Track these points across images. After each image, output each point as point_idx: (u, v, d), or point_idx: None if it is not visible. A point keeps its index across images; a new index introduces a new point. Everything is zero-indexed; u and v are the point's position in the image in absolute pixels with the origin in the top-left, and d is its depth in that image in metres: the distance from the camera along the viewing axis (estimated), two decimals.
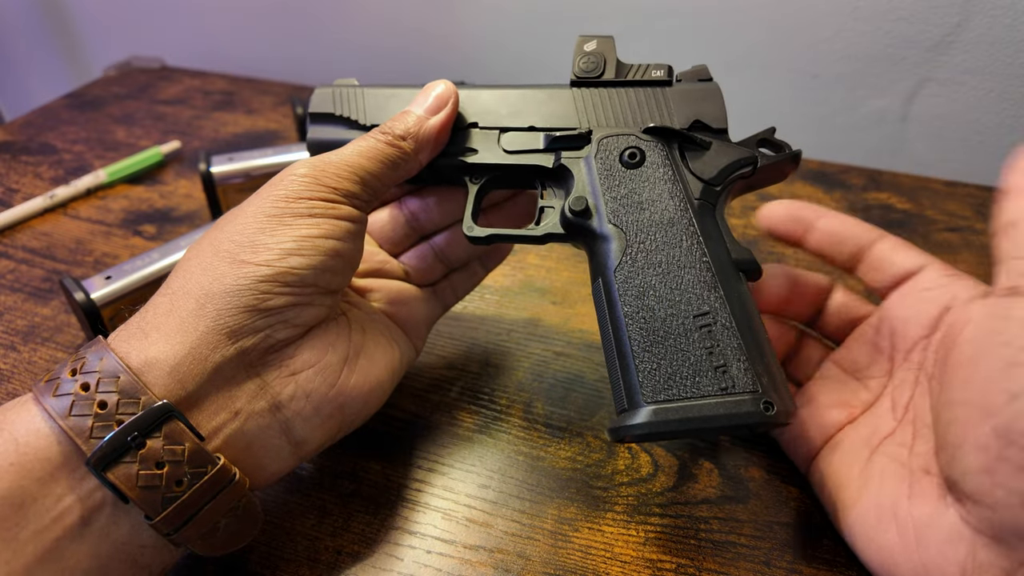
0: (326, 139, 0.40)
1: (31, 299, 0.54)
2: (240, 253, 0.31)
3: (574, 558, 0.36)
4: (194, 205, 0.65)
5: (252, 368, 0.32)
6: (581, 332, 0.50)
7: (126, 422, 0.28)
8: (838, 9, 0.71)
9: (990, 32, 0.67)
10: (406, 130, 0.37)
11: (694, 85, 0.39)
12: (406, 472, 0.40)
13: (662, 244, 0.35)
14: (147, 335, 0.30)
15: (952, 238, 0.61)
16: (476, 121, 0.40)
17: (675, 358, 0.32)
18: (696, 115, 0.38)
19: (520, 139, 0.39)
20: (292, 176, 0.34)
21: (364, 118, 0.40)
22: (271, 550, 0.36)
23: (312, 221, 0.33)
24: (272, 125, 0.81)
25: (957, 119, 0.73)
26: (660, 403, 0.32)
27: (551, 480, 0.40)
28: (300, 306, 0.32)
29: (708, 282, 0.34)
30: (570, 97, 0.39)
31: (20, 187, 0.68)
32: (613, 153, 0.37)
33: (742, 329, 0.33)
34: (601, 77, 0.39)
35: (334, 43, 0.94)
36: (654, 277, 0.34)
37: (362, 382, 0.35)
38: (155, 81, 0.92)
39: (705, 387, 0.31)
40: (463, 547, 0.36)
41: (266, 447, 0.32)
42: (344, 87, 0.41)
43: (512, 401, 0.45)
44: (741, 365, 0.32)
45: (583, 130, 0.38)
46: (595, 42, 0.40)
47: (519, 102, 0.40)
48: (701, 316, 0.33)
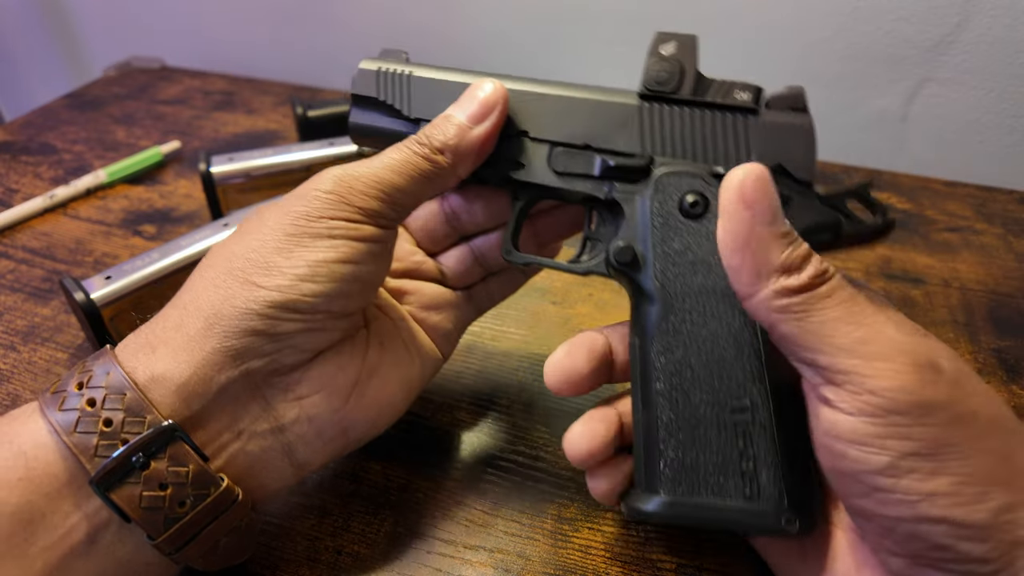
0: (367, 125, 0.37)
1: (31, 299, 0.54)
2: (253, 274, 0.30)
3: (574, 558, 0.36)
4: (194, 205, 0.65)
5: (257, 389, 0.31)
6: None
7: (131, 442, 0.28)
8: (838, 9, 0.71)
9: (990, 32, 0.67)
10: (445, 142, 0.33)
11: (783, 117, 0.32)
12: (406, 472, 0.40)
13: (710, 317, 0.30)
14: (154, 349, 0.30)
15: (952, 238, 0.61)
16: (527, 130, 0.35)
17: (702, 450, 0.30)
18: (779, 158, 0.32)
19: (573, 159, 0.34)
20: (316, 192, 0.32)
21: (408, 109, 0.36)
22: (271, 550, 0.36)
23: (330, 243, 0.31)
24: (272, 125, 0.81)
25: (957, 119, 0.73)
26: (677, 496, 0.29)
27: (551, 480, 0.40)
28: (310, 332, 0.31)
29: (754, 372, 0.30)
30: (635, 114, 0.33)
31: (20, 187, 0.68)
32: (673, 197, 0.32)
33: (781, 432, 0.29)
34: (676, 93, 0.33)
35: (334, 43, 0.94)
36: (695, 355, 0.30)
37: (370, 405, 0.34)
38: (155, 81, 0.92)
39: (728, 489, 0.29)
40: (463, 547, 0.36)
41: (267, 467, 0.32)
42: (390, 66, 0.36)
43: (512, 401, 0.45)
44: (771, 474, 0.29)
45: (643, 160, 0.33)
46: (674, 44, 0.33)
47: (577, 111, 0.34)
48: (739, 411, 0.30)
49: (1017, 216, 0.64)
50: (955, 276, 0.57)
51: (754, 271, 0.27)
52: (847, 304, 0.26)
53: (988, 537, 0.24)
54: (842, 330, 0.25)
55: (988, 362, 0.48)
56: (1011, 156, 0.73)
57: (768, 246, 0.27)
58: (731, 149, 0.32)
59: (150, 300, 0.47)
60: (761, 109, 0.33)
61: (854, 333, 0.25)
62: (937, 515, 0.24)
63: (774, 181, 0.29)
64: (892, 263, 0.58)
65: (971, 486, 0.24)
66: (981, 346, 0.50)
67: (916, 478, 0.24)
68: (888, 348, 0.25)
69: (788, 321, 0.26)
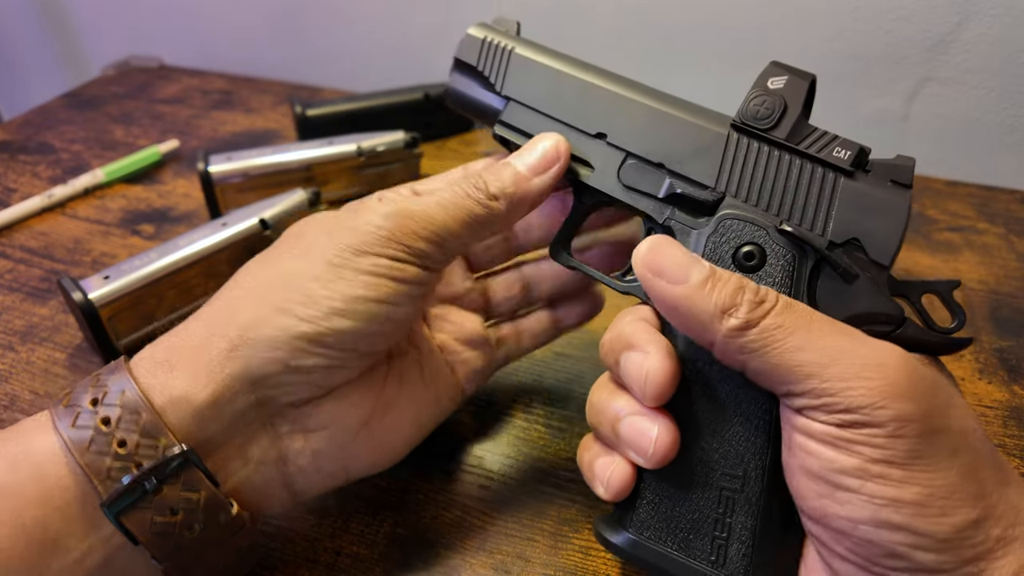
0: (462, 92, 0.37)
1: (29, 299, 0.54)
2: (287, 300, 0.29)
3: (574, 559, 0.36)
4: (192, 204, 0.65)
5: (268, 418, 0.31)
6: (581, 332, 0.50)
7: (145, 466, 0.27)
8: (838, 9, 0.71)
9: (990, 31, 0.67)
10: (501, 189, 0.32)
11: (878, 189, 0.29)
12: (405, 473, 0.40)
13: (729, 377, 0.29)
14: (173, 368, 0.29)
15: (953, 238, 0.61)
16: (606, 133, 0.33)
17: (681, 505, 0.29)
18: (858, 232, 0.29)
19: (642, 175, 0.32)
20: (368, 226, 0.30)
21: (501, 85, 0.35)
22: (270, 551, 0.36)
23: (372, 281, 0.30)
24: (271, 124, 0.81)
25: (958, 119, 0.73)
26: (643, 538, 0.29)
27: (551, 481, 0.40)
28: (331, 368, 0.30)
29: (757, 447, 0.29)
30: (722, 142, 0.31)
31: (18, 187, 0.68)
32: (730, 242, 0.30)
33: (766, 510, 0.28)
34: (770, 131, 0.30)
35: (333, 43, 0.94)
36: (703, 411, 0.29)
37: (376, 445, 0.34)
38: (153, 80, 0.91)
39: (695, 549, 0.29)
40: (462, 548, 0.36)
41: (267, 496, 0.32)
42: (497, 37, 0.36)
43: (512, 401, 0.45)
44: (742, 549, 0.28)
45: (712, 195, 0.31)
46: (785, 80, 0.30)
47: (661, 125, 0.32)
48: (730, 478, 0.29)
49: (1019, 216, 0.64)
50: (956, 276, 0.57)
51: (699, 327, 0.27)
52: (802, 329, 0.26)
53: (946, 550, 0.24)
54: (805, 358, 0.25)
55: (989, 362, 0.48)
56: (1012, 155, 0.72)
57: (694, 301, 0.27)
58: (810, 207, 0.30)
59: (149, 300, 0.47)
60: (858, 173, 0.30)
61: (817, 359, 0.25)
62: (899, 522, 0.24)
63: (846, 255, 0.28)
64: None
65: (937, 499, 0.24)
66: (982, 346, 0.50)
67: (883, 483, 0.24)
68: (856, 366, 0.25)
69: (753, 358, 0.26)
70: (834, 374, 0.25)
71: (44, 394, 0.45)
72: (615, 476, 0.30)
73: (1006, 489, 0.25)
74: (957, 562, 0.24)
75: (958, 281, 0.29)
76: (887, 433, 0.24)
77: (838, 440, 0.25)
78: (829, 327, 0.26)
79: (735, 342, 0.26)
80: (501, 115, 0.36)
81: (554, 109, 0.34)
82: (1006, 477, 0.26)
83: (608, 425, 0.30)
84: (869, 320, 0.28)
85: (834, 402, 0.25)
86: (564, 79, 0.34)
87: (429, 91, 0.74)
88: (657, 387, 0.28)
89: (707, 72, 0.78)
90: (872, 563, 0.25)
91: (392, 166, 0.66)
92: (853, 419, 0.24)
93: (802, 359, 0.25)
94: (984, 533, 0.24)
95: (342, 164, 0.63)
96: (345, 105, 0.72)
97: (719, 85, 0.79)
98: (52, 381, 0.46)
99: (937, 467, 0.24)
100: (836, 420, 0.25)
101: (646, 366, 0.29)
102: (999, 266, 0.58)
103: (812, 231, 0.29)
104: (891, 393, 0.24)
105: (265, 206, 0.53)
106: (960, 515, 0.24)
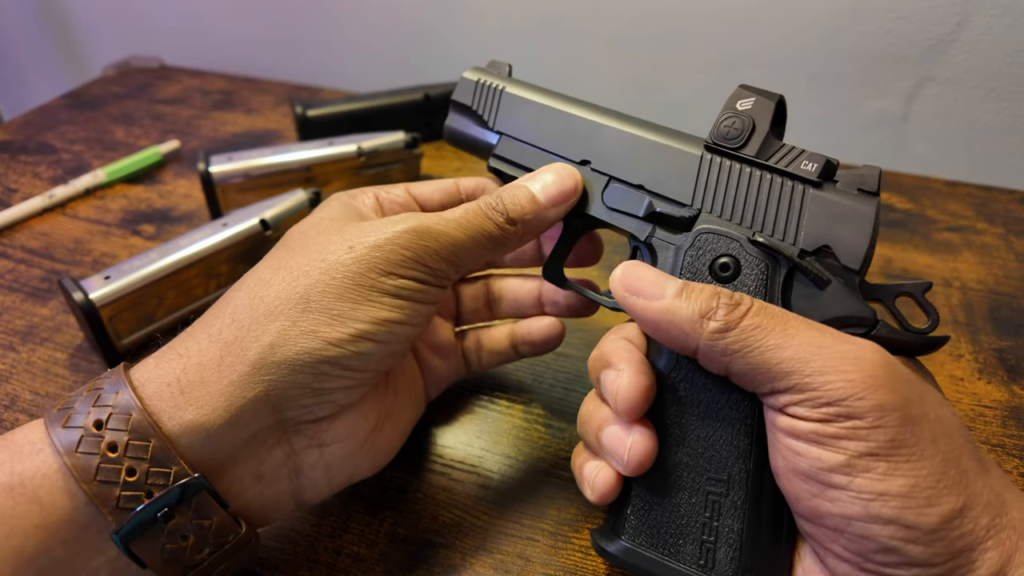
0: (458, 130, 0.40)
1: (29, 299, 0.54)
2: (313, 320, 0.29)
3: (574, 559, 0.36)
4: (193, 205, 0.65)
5: (284, 435, 0.30)
6: (581, 332, 0.50)
7: (156, 497, 0.26)
8: (838, 9, 0.71)
9: (990, 31, 0.67)
10: (522, 215, 0.33)
11: (846, 197, 0.30)
12: (405, 473, 0.40)
13: (713, 385, 0.30)
14: (183, 391, 0.28)
15: (953, 238, 0.61)
16: (589, 160, 0.35)
17: (670, 510, 0.30)
18: (828, 239, 0.30)
19: (624, 196, 0.34)
20: (393, 246, 0.30)
21: (493, 121, 0.38)
22: (270, 551, 0.36)
23: (396, 303, 0.30)
24: (271, 125, 0.81)
25: (958, 119, 0.73)
26: (636, 545, 0.30)
27: (551, 481, 0.40)
28: (352, 388, 0.31)
29: (740, 449, 0.29)
30: (696, 163, 0.33)
31: (19, 187, 0.68)
32: (706, 255, 0.31)
33: (752, 513, 0.29)
34: (740, 149, 0.32)
35: (333, 43, 0.94)
36: (688, 417, 0.30)
37: (378, 450, 0.34)
38: (154, 80, 0.92)
39: (684, 554, 0.29)
40: (463, 548, 0.36)
41: (275, 508, 0.32)
42: (489, 79, 0.39)
43: (512, 401, 0.45)
44: (730, 552, 0.29)
45: (689, 212, 0.32)
46: (753, 101, 0.32)
47: (640, 150, 0.34)
48: (715, 482, 0.29)
49: (1018, 216, 0.64)
50: (956, 276, 0.57)
51: (681, 336, 0.28)
52: (779, 329, 0.27)
53: (934, 541, 0.24)
54: (785, 355, 0.26)
55: (988, 362, 0.48)
56: (1012, 155, 0.73)
57: (673, 312, 0.28)
58: (781, 218, 0.31)
59: (149, 300, 0.47)
60: (826, 184, 0.31)
61: (797, 355, 0.26)
62: (888, 515, 0.24)
63: (817, 262, 0.30)
64: (893, 263, 0.58)
65: (923, 489, 0.24)
66: (982, 346, 0.50)
67: (870, 477, 0.25)
68: (835, 359, 0.26)
69: (736, 360, 0.27)
70: (814, 368, 0.25)
71: (45, 394, 0.45)
72: (600, 479, 0.31)
73: (987, 478, 0.26)
74: (947, 554, 0.24)
75: (930, 283, 0.30)
76: (868, 424, 0.25)
77: (823, 437, 0.25)
78: (804, 325, 0.27)
79: (717, 345, 0.27)
80: (495, 149, 0.38)
81: (542, 141, 0.37)
82: (986, 466, 0.26)
83: (592, 434, 0.32)
84: (843, 323, 0.29)
85: (816, 396, 0.25)
86: (550, 112, 0.37)
87: (429, 91, 0.74)
88: (627, 402, 0.29)
89: (707, 73, 0.78)
90: (867, 559, 0.25)
91: (392, 166, 0.66)
92: (835, 412, 0.25)
93: (782, 356, 0.26)
94: (972, 522, 0.24)
95: (342, 164, 0.63)
96: (345, 105, 0.72)
97: (719, 86, 0.79)
98: (53, 381, 0.46)
99: (921, 455, 0.25)
100: (819, 415, 0.25)
101: (618, 383, 0.30)
102: (998, 266, 0.58)
103: (784, 241, 0.31)
104: (870, 384, 0.25)
105: (266, 206, 0.53)
106: (946, 504, 0.24)
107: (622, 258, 0.34)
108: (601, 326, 0.51)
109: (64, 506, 0.26)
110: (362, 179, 0.65)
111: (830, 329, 0.27)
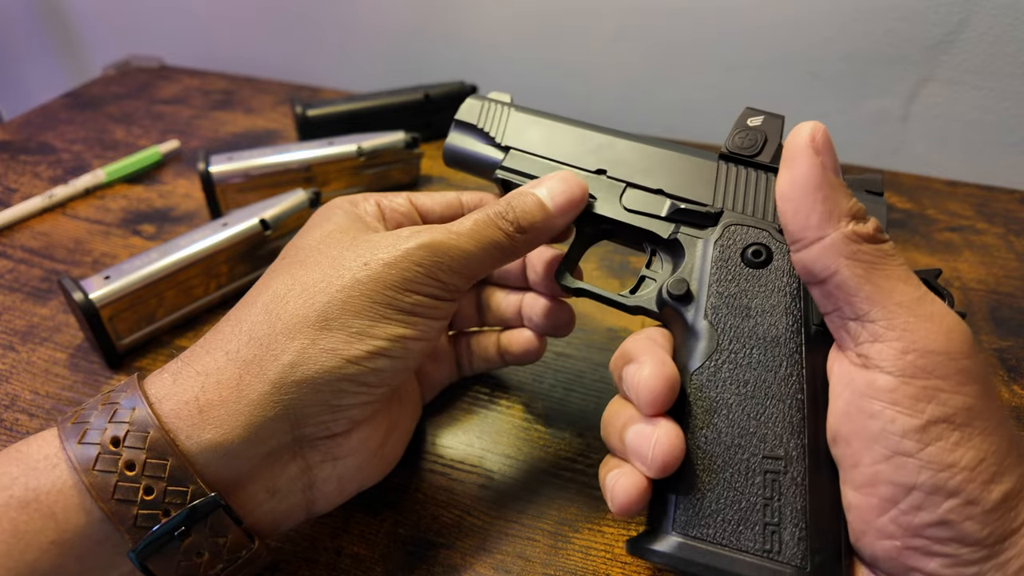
0: (461, 147, 0.40)
1: (29, 299, 0.54)
2: (333, 337, 0.29)
3: (574, 559, 0.36)
4: (193, 205, 0.65)
5: (300, 450, 0.30)
6: (581, 332, 0.50)
7: (173, 516, 0.26)
8: (838, 9, 0.71)
9: (991, 31, 0.67)
10: (531, 223, 0.33)
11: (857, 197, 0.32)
12: (405, 473, 0.40)
13: (756, 362, 0.30)
14: (201, 410, 0.28)
15: (953, 238, 0.61)
16: (605, 169, 0.37)
17: (725, 496, 0.28)
18: None
19: (643, 200, 0.36)
20: (407, 263, 0.30)
21: (500, 136, 0.39)
22: (270, 550, 0.36)
23: (412, 320, 0.30)
24: (271, 125, 0.81)
25: (958, 118, 0.73)
26: (690, 538, 0.28)
27: (551, 481, 0.40)
28: (366, 404, 0.31)
29: (794, 424, 0.29)
30: (713, 170, 0.35)
31: (19, 187, 0.68)
32: (737, 244, 0.33)
33: (814, 489, 0.28)
34: (755, 157, 0.34)
35: (333, 43, 0.94)
36: (734, 396, 0.30)
37: (385, 460, 0.35)
38: (154, 80, 0.92)
39: (746, 542, 0.27)
40: (463, 548, 0.36)
41: (287, 519, 0.32)
42: (494, 101, 0.40)
43: (512, 402, 0.45)
44: (796, 532, 0.27)
45: (714, 209, 0.34)
46: (762, 119, 0.35)
47: (655, 161, 0.36)
48: (772, 459, 0.28)
49: (1018, 216, 0.64)
50: (956, 276, 0.57)
51: (825, 214, 0.27)
52: (906, 267, 0.27)
53: (992, 520, 0.24)
54: (902, 288, 0.26)
55: (989, 362, 0.48)
56: (1012, 155, 0.73)
57: (838, 191, 0.27)
58: None
59: (149, 300, 0.47)
60: None
61: (913, 293, 0.26)
62: (953, 487, 0.24)
63: None
64: None
65: (990, 464, 0.24)
66: (982, 346, 0.50)
67: (941, 446, 0.24)
68: (941, 312, 0.26)
69: (855, 267, 0.26)
70: (922, 313, 0.26)
71: (45, 394, 0.45)
72: (619, 487, 0.29)
73: None
74: (999, 535, 0.24)
75: (939, 270, 0.31)
76: (950, 388, 0.25)
77: (902, 397, 0.25)
78: (916, 281, 0.27)
79: (850, 246, 0.26)
80: (503, 162, 0.39)
81: (555, 153, 0.38)
82: None
83: (616, 435, 0.31)
84: None
85: (911, 339, 0.25)
86: (561, 129, 0.38)
87: (429, 91, 0.74)
88: (651, 392, 0.29)
89: (708, 73, 0.78)
90: (916, 535, 0.25)
91: (392, 166, 0.66)
92: (921, 365, 0.25)
93: (898, 289, 0.26)
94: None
95: (342, 164, 0.63)
96: (345, 105, 0.72)
97: (720, 86, 0.79)
98: (53, 381, 0.46)
99: (992, 431, 0.25)
100: (903, 364, 0.25)
101: (640, 375, 0.29)
102: (998, 266, 0.58)
103: None
104: (957, 349, 0.25)
105: (266, 206, 0.53)
106: (1007, 482, 0.24)
107: (622, 258, 0.34)
108: (602, 326, 0.51)
109: (79, 522, 0.26)
110: (362, 179, 0.65)
111: (931, 293, 0.27)
